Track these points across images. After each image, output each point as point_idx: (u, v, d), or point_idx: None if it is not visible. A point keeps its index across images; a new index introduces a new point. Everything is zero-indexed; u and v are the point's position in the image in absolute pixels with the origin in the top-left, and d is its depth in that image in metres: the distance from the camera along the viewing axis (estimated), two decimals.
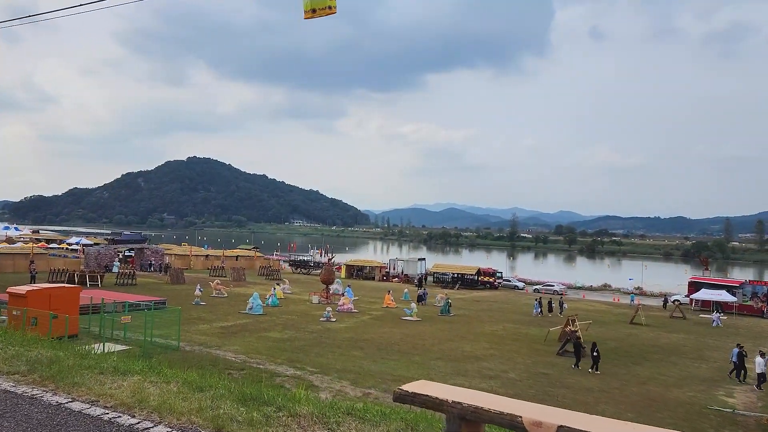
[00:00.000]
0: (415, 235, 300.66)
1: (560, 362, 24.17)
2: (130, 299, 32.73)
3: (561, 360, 24.66)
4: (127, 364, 7.54)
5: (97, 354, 9.55)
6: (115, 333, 24.12)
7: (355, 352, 23.90)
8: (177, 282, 48.33)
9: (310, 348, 24.27)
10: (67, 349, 9.10)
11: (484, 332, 31.49)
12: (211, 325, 29.07)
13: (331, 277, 42.68)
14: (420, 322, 34.01)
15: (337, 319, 33.02)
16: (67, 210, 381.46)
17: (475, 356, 24.48)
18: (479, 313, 40.37)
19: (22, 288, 22.44)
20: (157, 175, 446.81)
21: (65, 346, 9.77)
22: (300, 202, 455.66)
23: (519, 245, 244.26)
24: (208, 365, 19.76)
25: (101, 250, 57.32)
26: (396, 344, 26.26)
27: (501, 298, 51.73)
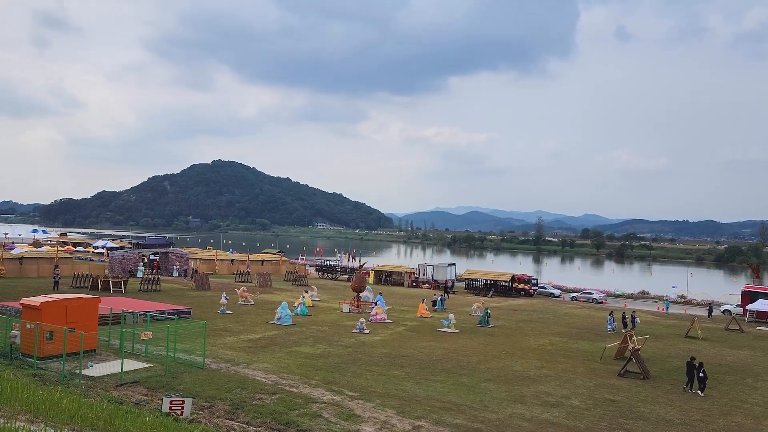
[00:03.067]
0: (438, 239, 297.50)
1: (625, 385, 21.70)
2: (153, 308, 31.04)
3: (625, 383, 22.19)
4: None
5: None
6: (137, 347, 22.36)
7: (396, 371, 21.75)
8: (202, 288, 46.73)
9: (345, 366, 22.18)
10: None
11: (531, 347, 29.10)
12: (238, 337, 27.18)
13: (362, 285, 40.61)
14: (459, 335, 31.74)
15: (370, 331, 30.94)
16: (96, 213, 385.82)
17: (528, 377, 22.15)
18: (519, 324, 37.93)
19: (37, 299, 20.73)
20: (182, 178, 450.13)
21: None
22: (323, 205, 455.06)
23: (545, 249, 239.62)
24: (237, 388, 17.82)
25: (126, 254, 56.05)
26: (439, 362, 24.04)
27: (539, 307, 49.12)
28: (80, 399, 10.93)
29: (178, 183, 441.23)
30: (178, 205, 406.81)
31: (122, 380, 17.86)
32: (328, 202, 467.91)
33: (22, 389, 8.79)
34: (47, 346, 19.60)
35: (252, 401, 16.62)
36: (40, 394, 9.01)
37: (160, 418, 13.43)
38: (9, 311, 29.03)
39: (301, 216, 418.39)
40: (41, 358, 19.23)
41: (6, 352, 20.13)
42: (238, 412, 15.71)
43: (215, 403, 16.30)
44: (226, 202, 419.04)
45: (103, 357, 21.09)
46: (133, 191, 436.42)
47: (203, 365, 20.49)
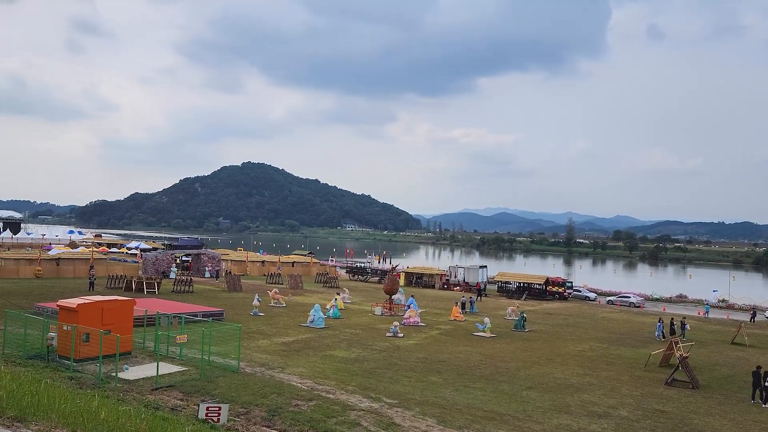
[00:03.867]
0: (467, 240, 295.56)
1: (674, 395, 20.75)
2: (187, 310, 31.00)
3: (674, 392, 21.23)
4: None
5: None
6: (171, 350, 22.18)
7: (433, 378, 21.17)
8: (234, 290, 46.76)
9: (381, 371, 21.68)
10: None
11: (571, 353, 28.21)
12: (272, 340, 26.89)
13: (394, 287, 40.09)
14: (495, 340, 30.98)
15: (404, 335, 30.39)
16: (129, 214, 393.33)
17: (570, 385, 21.34)
18: (556, 328, 36.96)
19: (73, 301, 20.70)
20: (213, 180, 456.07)
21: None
22: (352, 207, 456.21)
23: (576, 251, 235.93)
24: (272, 393, 17.45)
25: (159, 255, 56.52)
26: (477, 367, 23.38)
27: (575, 311, 47.95)
28: (118, 407, 10.64)
29: (208, 185, 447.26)
30: (209, 206, 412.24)
31: (158, 384, 17.64)
32: (357, 203, 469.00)
33: (59, 398, 8.51)
34: (83, 349, 19.53)
35: (288, 408, 16.23)
36: (78, 403, 8.72)
37: (197, 426, 13.12)
38: (46, 312, 29.28)
39: (330, 217, 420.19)
40: (77, 360, 19.16)
41: (43, 354, 20.14)
42: (274, 419, 15.32)
43: (251, 410, 15.94)
44: (256, 204, 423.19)
45: (138, 360, 20.96)
46: (165, 193, 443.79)
47: (238, 369, 20.20)
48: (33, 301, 34.18)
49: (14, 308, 28.48)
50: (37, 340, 20.95)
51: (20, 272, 48.52)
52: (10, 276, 47.31)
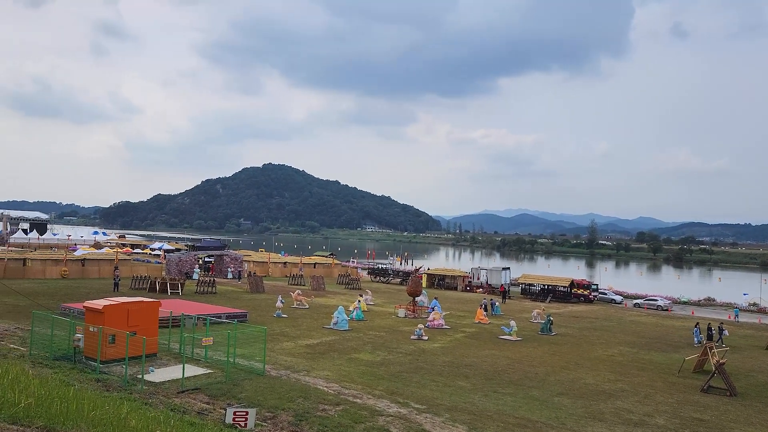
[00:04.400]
0: (487, 242, 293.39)
1: (711, 403, 20.06)
2: (211, 311, 30.93)
3: (711, 399, 20.53)
4: None
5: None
6: (196, 351, 22.04)
7: (461, 382, 20.74)
8: (256, 291, 46.74)
9: (408, 375, 21.31)
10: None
11: (600, 358, 27.56)
12: (296, 342, 26.67)
13: (418, 289, 39.71)
14: (522, 343, 30.42)
15: (429, 337, 29.99)
16: (152, 215, 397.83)
17: (602, 391, 20.76)
18: (583, 332, 36.25)
19: (99, 302, 20.66)
20: (234, 181, 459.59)
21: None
22: (372, 208, 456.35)
23: (599, 253, 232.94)
24: (298, 397, 17.17)
25: (182, 256, 56.79)
26: (505, 372, 22.90)
27: (601, 314, 47.10)
28: (147, 414, 10.42)
29: (230, 186, 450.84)
30: (230, 207, 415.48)
31: (183, 387, 17.47)
32: (377, 204, 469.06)
33: (88, 404, 8.31)
34: (109, 350, 19.47)
35: (316, 412, 15.93)
36: (107, 409, 8.52)
37: (225, 431, 12.89)
38: (72, 312, 29.41)
39: (350, 219, 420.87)
40: (103, 361, 19.09)
41: (69, 355, 20.12)
42: (302, 424, 15.03)
43: (278, 414, 15.67)
44: (276, 205, 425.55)
45: (164, 362, 20.84)
46: (187, 194, 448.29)
47: (263, 372, 19.97)
48: (59, 301, 34.44)
49: (41, 309, 28.66)
50: (63, 341, 20.95)
51: (47, 273, 49.05)
52: (37, 276, 47.86)
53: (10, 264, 47.69)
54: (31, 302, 32.06)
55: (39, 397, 7.51)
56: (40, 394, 7.98)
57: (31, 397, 7.09)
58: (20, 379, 9.32)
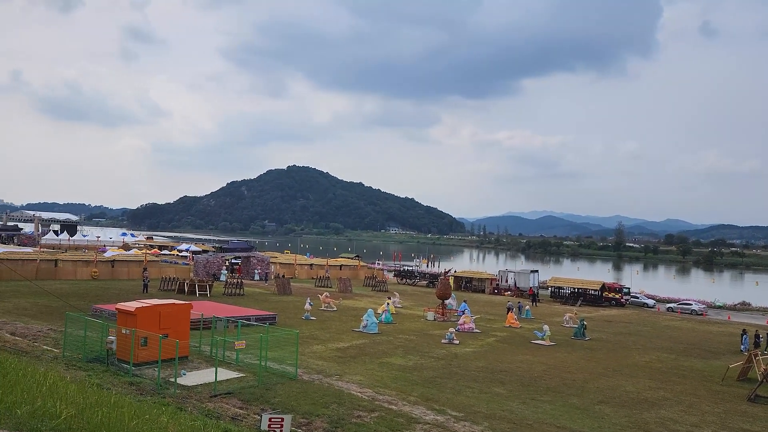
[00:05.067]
0: (512, 244, 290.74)
1: (760, 413, 19.20)
2: (240, 313, 30.80)
3: (759, 409, 19.66)
4: None
5: None
6: (227, 354, 21.84)
7: (497, 389, 20.19)
8: (284, 293, 46.63)
9: (442, 381, 20.82)
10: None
11: (638, 364, 26.73)
12: (326, 346, 26.36)
13: (447, 292, 39.16)
14: (555, 348, 29.71)
15: (460, 341, 29.45)
16: (178, 217, 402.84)
17: (644, 400, 20.02)
18: (618, 337, 35.34)
19: (132, 305, 20.58)
20: (259, 183, 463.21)
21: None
22: (396, 210, 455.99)
23: (626, 256, 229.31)
24: (333, 403, 16.82)
25: (210, 258, 57.01)
26: (541, 378, 22.27)
27: (634, 319, 46.01)
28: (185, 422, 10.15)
29: (255, 188, 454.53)
30: (255, 209, 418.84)
31: (216, 391, 17.25)
32: (401, 206, 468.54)
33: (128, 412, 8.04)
34: (141, 353, 19.34)
35: (351, 419, 15.56)
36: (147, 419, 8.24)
37: None
38: (104, 314, 29.53)
39: (374, 220, 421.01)
40: (135, 364, 18.97)
41: (102, 357, 20.07)
42: (337, 431, 14.68)
43: (313, 420, 15.34)
44: (301, 207, 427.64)
45: (195, 365, 20.68)
46: (212, 196, 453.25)
47: (296, 376, 19.67)
48: (90, 302, 34.67)
49: (73, 309, 28.81)
50: (95, 342, 20.92)
51: (77, 273, 49.58)
52: (68, 277, 48.39)
53: (42, 265, 48.31)
54: (63, 303, 32.30)
55: (78, 406, 7.26)
56: (79, 401, 7.75)
57: (71, 406, 6.84)
58: (58, 386, 9.13)
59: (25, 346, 21.62)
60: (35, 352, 20.78)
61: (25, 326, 25.85)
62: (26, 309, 31.13)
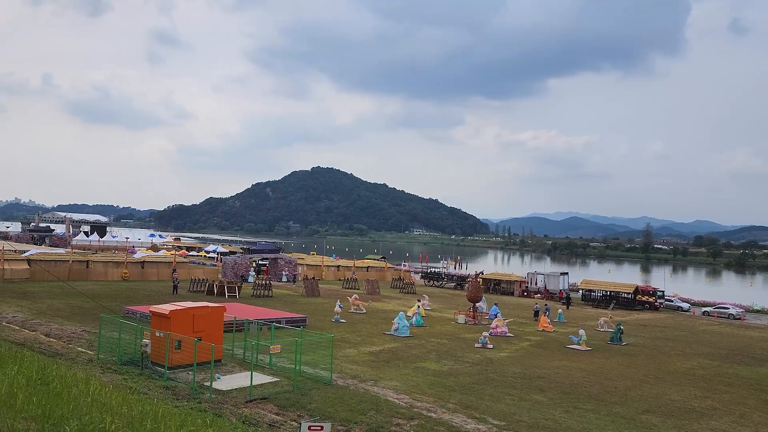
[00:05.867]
0: (537, 245, 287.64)
1: None
2: (271, 315, 30.60)
3: None
4: None
5: None
6: (260, 358, 21.57)
7: (537, 396, 19.57)
8: (312, 294, 46.44)
9: (480, 387, 20.28)
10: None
11: (679, 371, 25.84)
12: (358, 349, 25.99)
13: (478, 295, 38.53)
14: (592, 353, 28.92)
15: (493, 346, 28.84)
16: (204, 218, 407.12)
17: (692, 409, 19.23)
18: (655, 342, 34.35)
19: (165, 307, 20.44)
20: (283, 184, 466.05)
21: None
22: (420, 211, 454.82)
23: (654, 257, 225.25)
24: (370, 410, 16.40)
25: (238, 259, 57.13)
26: (581, 385, 21.58)
27: (670, 323, 44.82)
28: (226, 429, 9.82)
29: (279, 189, 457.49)
30: (280, 210, 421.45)
31: (251, 396, 16.96)
32: (424, 207, 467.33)
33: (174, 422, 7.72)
34: (175, 356, 19.16)
35: (390, 427, 15.13)
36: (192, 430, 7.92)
37: None
38: (135, 315, 29.59)
39: (398, 221, 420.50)
40: (170, 367, 18.80)
41: (136, 360, 19.95)
42: None
43: (351, 428, 14.94)
44: (325, 208, 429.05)
45: (228, 368, 20.46)
46: (237, 197, 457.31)
47: (330, 381, 19.31)
48: (121, 303, 34.84)
49: (106, 311, 28.89)
50: (128, 345, 20.81)
51: (108, 275, 50.05)
52: (99, 278, 48.85)
53: (74, 266, 48.86)
54: (95, 304, 32.49)
55: (125, 418, 6.97)
56: (123, 411, 7.47)
57: (118, 418, 6.54)
58: (102, 395, 8.87)
59: (60, 348, 21.64)
60: (70, 354, 20.76)
61: (60, 327, 25.98)
62: (60, 310, 31.37)
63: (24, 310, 30.58)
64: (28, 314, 29.16)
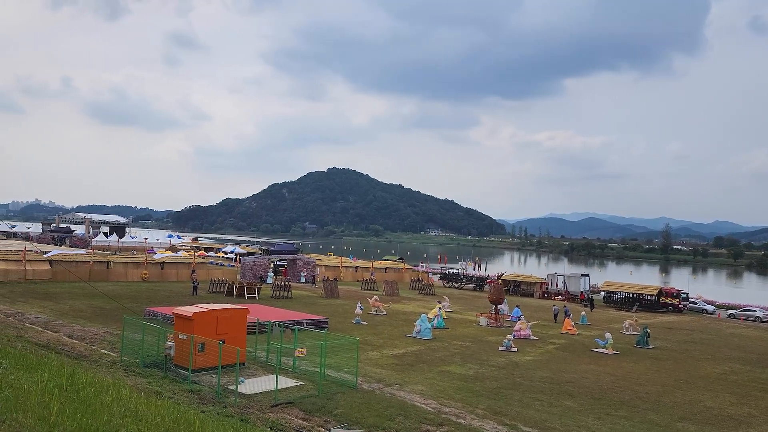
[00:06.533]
0: (554, 246, 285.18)
1: None
2: (291, 317, 30.36)
3: None
4: None
5: None
6: (283, 360, 21.28)
7: (567, 402, 19.08)
8: (331, 296, 46.18)
9: (507, 392, 19.82)
10: None
11: (711, 376, 25.15)
12: (381, 352, 25.63)
13: (501, 297, 38.01)
14: (619, 357, 28.29)
15: (518, 349, 28.34)
16: (221, 219, 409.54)
17: (728, 416, 18.62)
18: (683, 345, 33.59)
19: (189, 309, 20.25)
20: (299, 185, 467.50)
21: None
22: (435, 212, 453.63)
23: (673, 259, 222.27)
24: (398, 415, 16.03)
25: (256, 260, 57.05)
26: (611, 391, 21.03)
27: (696, 326, 43.92)
28: None
29: (295, 190, 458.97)
30: (296, 211, 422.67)
31: (276, 400, 16.68)
32: (440, 208, 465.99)
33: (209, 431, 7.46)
34: (198, 359, 18.96)
35: None
36: None
37: None
38: (157, 317, 29.50)
39: (414, 222, 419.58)
40: (193, 370, 18.59)
41: (159, 362, 19.78)
42: None
43: None
44: (341, 209, 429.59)
45: (252, 371, 20.21)
46: (254, 198, 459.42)
47: (355, 385, 18.98)
48: (142, 304, 34.81)
49: (128, 311, 28.85)
50: (151, 347, 20.65)
51: (128, 275, 50.18)
52: (119, 279, 48.99)
53: (95, 266, 49.06)
54: (116, 305, 32.49)
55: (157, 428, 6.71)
56: (156, 422, 7.19)
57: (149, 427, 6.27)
58: (133, 402, 8.61)
59: (83, 350, 21.54)
60: (93, 356, 20.65)
61: (83, 329, 25.93)
62: (82, 311, 31.39)
63: (47, 311, 30.64)
64: (50, 315, 29.19)
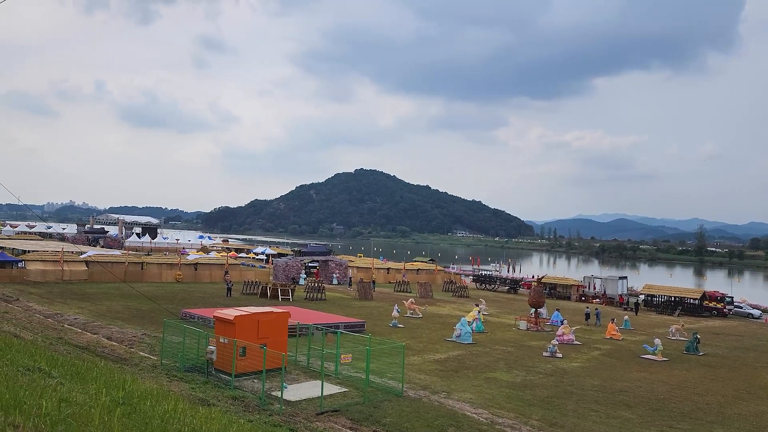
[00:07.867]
0: (584, 248, 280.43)
1: None
2: (328, 320, 29.81)
3: None
4: None
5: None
6: (325, 365, 20.67)
7: (624, 413, 18.09)
8: (365, 298, 45.61)
9: (560, 401, 18.91)
10: None
11: None
12: (422, 357, 24.90)
13: (541, 300, 36.93)
14: (670, 364, 27.06)
15: (562, 355, 27.32)
16: (249, 220, 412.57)
17: None
18: (735, 352, 32.13)
19: (230, 313, 19.77)
20: (327, 186, 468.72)
21: None
22: (463, 213, 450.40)
23: (708, 260, 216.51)
24: (449, 426, 15.27)
25: (289, 261, 56.78)
26: (669, 401, 19.95)
27: (743, 331, 42.21)
28: None
29: (323, 191, 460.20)
30: (323, 212, 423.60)
31: (322, 408, 16.07)
32: (467, 209, 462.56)
33: None
34: (240, 363, 18.47)
35: None
36: None
37: None
38: (194, 318, 29.23)
39: (441, 223, 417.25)
40: (235, 375, 18.09)
41: (200, 366, 19.36)
42: None
43: None
44: (368, 210, 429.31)
45: (293, 376, 19.66)
46: (282, 199, 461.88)
47: (401, 393, 18.28)
48: (177, 305, 34.67)
49: (165, 312, 28.64)
50: (190, 350, 20.26)
51: (162, 276, 50.33)
52: (153, 280, 49.14)
53: (130, 267, 49.31)
54: (152, 306, 32.35)
55: None
56: None
57: None
58: (187, 418, 8.05)
59: (123, 353, 21.26)
60: (133, 359, 20.34)
61: (120, 330, 25.74)
62: (119, 312, 31.30)
63: (84, 312, 30.62)
64: (88, 316, 29.13)
